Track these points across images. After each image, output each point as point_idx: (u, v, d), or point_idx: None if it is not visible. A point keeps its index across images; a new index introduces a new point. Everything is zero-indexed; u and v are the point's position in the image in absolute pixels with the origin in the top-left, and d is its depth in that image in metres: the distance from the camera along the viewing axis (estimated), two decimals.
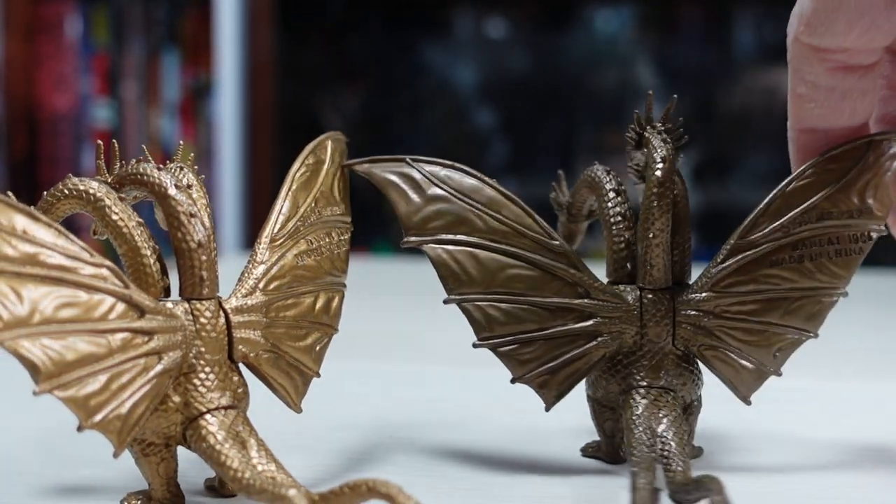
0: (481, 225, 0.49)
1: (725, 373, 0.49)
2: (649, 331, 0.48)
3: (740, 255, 0.48)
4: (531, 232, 0.48)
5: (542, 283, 0.48)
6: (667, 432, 0.45)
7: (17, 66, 1.67)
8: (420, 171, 0.49)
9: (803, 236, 0.48)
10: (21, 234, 0.38)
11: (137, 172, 0.44)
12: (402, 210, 0.49)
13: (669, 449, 0.45)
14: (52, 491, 0.47)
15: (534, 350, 0.49)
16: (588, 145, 1.71)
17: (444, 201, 0.49)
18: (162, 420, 0.42)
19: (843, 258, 0.48)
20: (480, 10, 1.77)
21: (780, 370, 0.49)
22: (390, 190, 0.49)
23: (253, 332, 0.45)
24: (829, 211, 0.48)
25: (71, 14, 1.68)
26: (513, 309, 0.48)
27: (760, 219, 0.48)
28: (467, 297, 0.49)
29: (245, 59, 1.65)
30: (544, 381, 0.49)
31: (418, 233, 0.49)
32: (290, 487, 0.40)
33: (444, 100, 1.76)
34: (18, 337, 0.37)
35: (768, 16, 1.69)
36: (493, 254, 0.48)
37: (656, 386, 0.47)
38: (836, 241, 0.48)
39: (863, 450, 0.53)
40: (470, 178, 0.49)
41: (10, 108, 1.67)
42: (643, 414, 0.46)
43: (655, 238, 0.47)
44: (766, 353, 0.49)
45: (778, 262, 0.48)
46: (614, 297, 0.48)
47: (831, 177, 0.48)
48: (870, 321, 0.94)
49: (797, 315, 0.48)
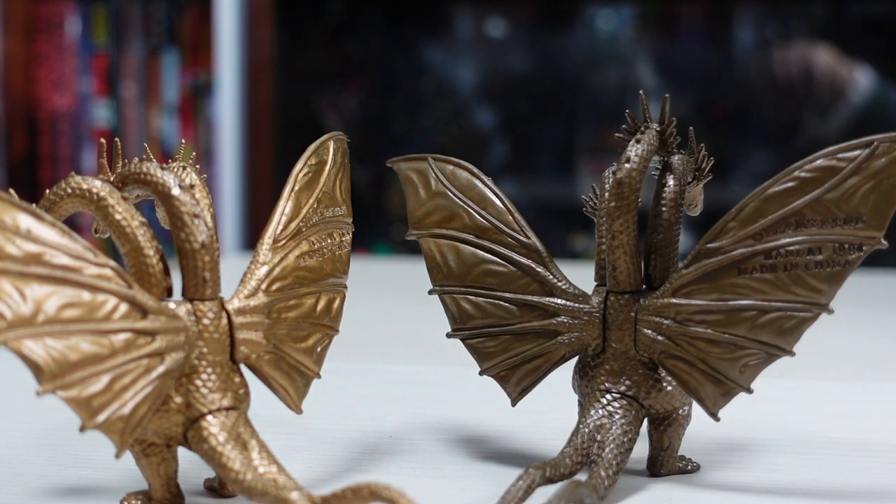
0: (468, 221, 0.50)
1: (688, 383, 0.46)
2: (612, 334, 0.47)
3: (704, 262, 0.45)
4: (508, 229, 0.50)
5: (511, 280, 0.49)
6: (606, 439, 0.46)
7: (16, 65, 1.67)
8: (433, 168, 0.51)
9: (778, 244, 0.44)
10: (25, 233, 0.38)
11: (140, 172, 0.44)
12: (410, 205, 0.51)
13: (600, 455, 0.45)
14: (52, 491, 0.47)
15: (497, 344, 0.50)
16: (588, 145, 1.70)
17: (443, 197, 0.51)
18: (163, 421, 0.42)
19: (825, 271, 0.44)
20: (480, 10, 1.77)
21: (749, 387, 0.46)
22: (407, 186, 0.52)
23: (255, 333, 0.45)
24: (812, 219, 0.44)
25: (70, 14, 1.68)
26: (483, 303, 0.50)
27: (730, 224, 0.45)
28: (446, 289, 0.51)
29: (245, 58, 1.65)
30: (505, 375, 0.50)
31: (418, 227, 0.51)
32: (293, 490, 0.40)
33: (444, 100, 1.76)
34: (22, 336, 0.37)
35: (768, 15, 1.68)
36: (473, 248, 0.50)
37: (615, 391, 0.47)
38: (819, 251, 0.44)
39: (863, 450, 0.53)
40: (468, 175, 0.51)
41: (9, 107, 1.67)
42: (594, 416, 0.46)
43: (615, 240, 0.46)
44: (732, 368, 0.45)
45: (747, 271, 0.44)
46: (578, 298, 0.48)
47: (816, 182, 0.44)
48: (870, 321, 0.94)
49: (767, 329, 0.44)
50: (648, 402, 0.47)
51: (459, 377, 0.68)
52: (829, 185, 0.43)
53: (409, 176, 0.52)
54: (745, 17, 1.71)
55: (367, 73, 1.80)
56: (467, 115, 1.77)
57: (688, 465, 0.49)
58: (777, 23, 1.69)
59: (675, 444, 0.48)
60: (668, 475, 0.49)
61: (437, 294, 0.51)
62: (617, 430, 0.46)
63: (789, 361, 0.46)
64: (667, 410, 0.48)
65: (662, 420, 0.48)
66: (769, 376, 0.49)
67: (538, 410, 0.57)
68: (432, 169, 0.51)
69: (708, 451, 0.52)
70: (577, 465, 0.45)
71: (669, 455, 0.48)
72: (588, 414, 0.47)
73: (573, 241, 1.65)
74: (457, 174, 0.51)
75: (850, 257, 0.44)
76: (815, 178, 0.44)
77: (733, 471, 0.50)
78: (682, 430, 0.48)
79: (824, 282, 0.44)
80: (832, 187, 0.43)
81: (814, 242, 0.44)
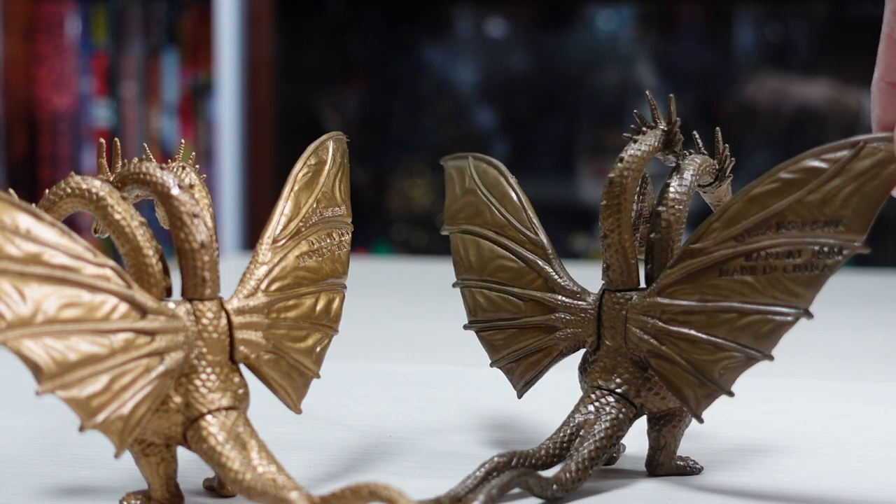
0: (489, 217, 0.51)
1: (672, 383, 0.46)
2: (606, 332, 0.47)
3: (688, 262, 0.45)
4: (521, 226, 0.51)
5: (521, 275, 0.50)
6: (588, 434, 0.46)
7: (16, 65, 1.67)
8: (470, 166, 0.53)
9: (759, 246, 0.43)
10: (24, 233, 0.38)
11: (140, 172, 0.44)
12: (447, 201, 0.54)
13: (578, 449, 0.45)
14: (52, 491, 0.47)
15: (504, 337, 0.51)
16: (588, 145, 1.70)
17: (472, 194, 0.52)
18: (163, 420, 0.42)
19: (804, 274, 0.42)
20: (480, 10, 1.77)
21: (730, 390, 0.45)
22: (447, 183, 0.54)
23: (254, 333, 0.45)
24: (792, 221, 0.42)
25: (70, 14, 1.68)
26: (495, 297, 0.51)
27: (714, 224, 0.44)
28: (466, 282, 0.52)
29: (245, 59, 1.65)
30: (510, 367, 0.51)
31: (450, 222, 0.53)
32: (292, 490, 0.40)
33: (444, 100, 1.76)
34: (21, 336, 0.37)
35: (769, 15, 1.68)
36: (491, 244, 0.51)
37: (607, 388, 0.47)
38: (798, 254, 0.42)
39: (863, 450, 0.53)
40: (496, 172, 0.52)
41: (9, 107, 1.67)
42: (582, 412, 0.47)
43: (607, 238, 0.47)
44: (713, 369, 0.45)
45: (728, 273, 0.44)
46: (576, 295, 0.49)
47: (799, 183, 0.42)
48: (869, 321, 0.94)
49: (745, 332, 0.43)
50: (640, 401, 0.47)
51: (459, 377, 0.68)
52: (811, 187, 0.42)
53: (450, 173, 0.54)
54: (745, 17, 1.71)
55: (367, 73, 1.80)
56: (467, 115, 1.77)
57: (689, 465, 0.49)
58: (777, 23, 1.69)
59: (671, 443, 0.48)
60: (667, 475, 0.49)
61: (459, 287, 0.53)
62: (599, 427, 0.46)
63: (791, 361, 0.46)
64: (661, 410, 0.48)
65: (659, 419, 0.48)
66: (769, 376, 0.49)
67: (539, 410, 0.57)
68: (470, 167, 0.53)
69: (708, 451, 0.52)
70: (552, 457, 0.46)
71: (666, 455, 0.48)
72: (578, 409, 0.47)
73: (573, 241, 1.65)
74: (487, 172, 0.52)
75: (829, 261, 0.42)
76: (799, 179, 0.43)
77: (733, 471, 0.50)
78: (678, 430, 0.48)
79: (802, 285, 0.43)
80: (814, 189, 0.42)
81: (793, 245, 0.43)
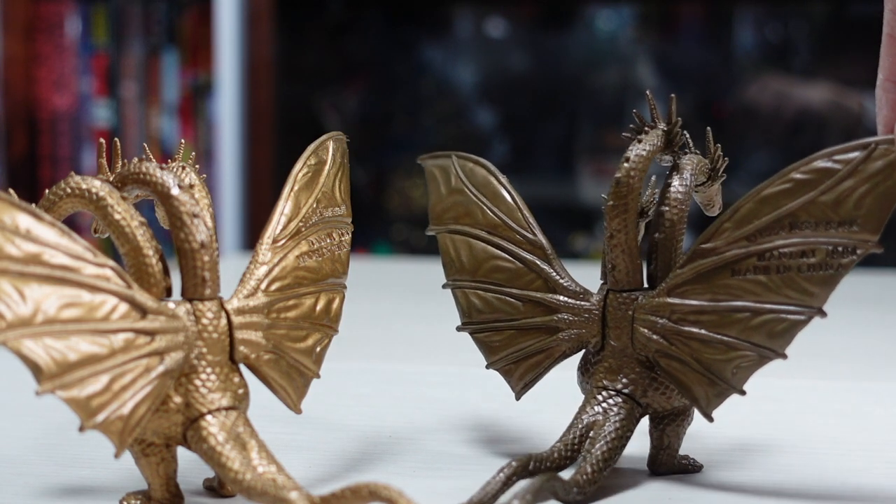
0: (481, 217, 0.51)
1: (682, 383, 0.46)
2: (611, 332, 0.47)
3: (698, 262, 0.45)
4: (517, 226, 0.50)
5: (518, 276, 0.50)
6: (598, 435, 0.46)
7: (16, 65, 1.67)
8: (455, 165, 0.52)
9: (772, 246, 0.44)
10: (24, 233, 0.38)
11: (140, 172, 0.44)
12: (431, 201, 0.53)
13: (590, 451, 0.45)
14: (52, 491, 0.47)
15: (503, 339, 0.50)
16: (588, 145, 1.70)
17: (460, 194, 0.52)
18: (163, 421, 0.42)
19: (818, 273, 0.43)
20: (480, 10, 1.77)
21: (741, 389, 0.45)
22: (430, 182, 0.53)
23: (254, 333, 0.45)
24: (806, 221, 0.43)
25: (70, 14, 1.68)
26: (491, 298, 0.50)
27: (725, 224, 0.45)
28: (458, 283, 0.51)
29: (244, 59, 1.65)
30: (509, 369, 0.50)
31: (437, 223, 0.52)
32: (292, 490, 0.40)
33: (444, 100, 1.76)
34: (21, 337, 0.37)
35: (769, 15, 1.68)
36: (484, 245, 0.51)
37: (613, 388, 0.47)
38: (812, 254, 0.43)
39: (863, 450, 0.53)
40: (485, 172, 0.51)
41: (9, 107, 1.67)
42: (589, 413, 0.47)
43: (613, 239, 0.47)
44: (725, 368, 0.45)
45: (740, 273, 0.44)
46: (579, 295, 0.49)
47: (812, 183, 0.43)
48: (869, 321, 0.94)
49: (759, 331, 0.44)
50: (646, 401, 0.47)
51: (459, 377, 0.68)
52: (824, 188, 0.43)
53: (432, 172, 0.53)
54: (745, 17, 1.71)
55: (367, 73, 1.80)
56: (467, 115, 1.77)
57: (690, 464, 0.49)
58: (777, 23, 1.69)
59: (674, 443, 0.48)
60: (669, 474, 0.49)
61: (451, 288, 0.52)
62: (609, 428, 0.46)
63: (791, 361, 0.46)
64: (665, 409, 0.48)
65: (662, 419, 0.48)
66: (769, 376, 0.49)
67: (539, 410, 0.57)
68: (454, 166, 0.52)
69: (708, 451, 0.52)
70: (564, 459, 0.46)
71: (669, 454, 0.48)
72: (584, 410, 0.47)
73: (573, 241, 1.65)
74: (475, 171, 0.52)
75: (844, 261, 0.43)
76: (811, 179, 0.43)
77: (733, 470, 0.50)
78: (681, 429, 0.48)
79: (817, 285, 0.43)
80: (827, 189, 0.43)
81: (807, 245, 0.43)
